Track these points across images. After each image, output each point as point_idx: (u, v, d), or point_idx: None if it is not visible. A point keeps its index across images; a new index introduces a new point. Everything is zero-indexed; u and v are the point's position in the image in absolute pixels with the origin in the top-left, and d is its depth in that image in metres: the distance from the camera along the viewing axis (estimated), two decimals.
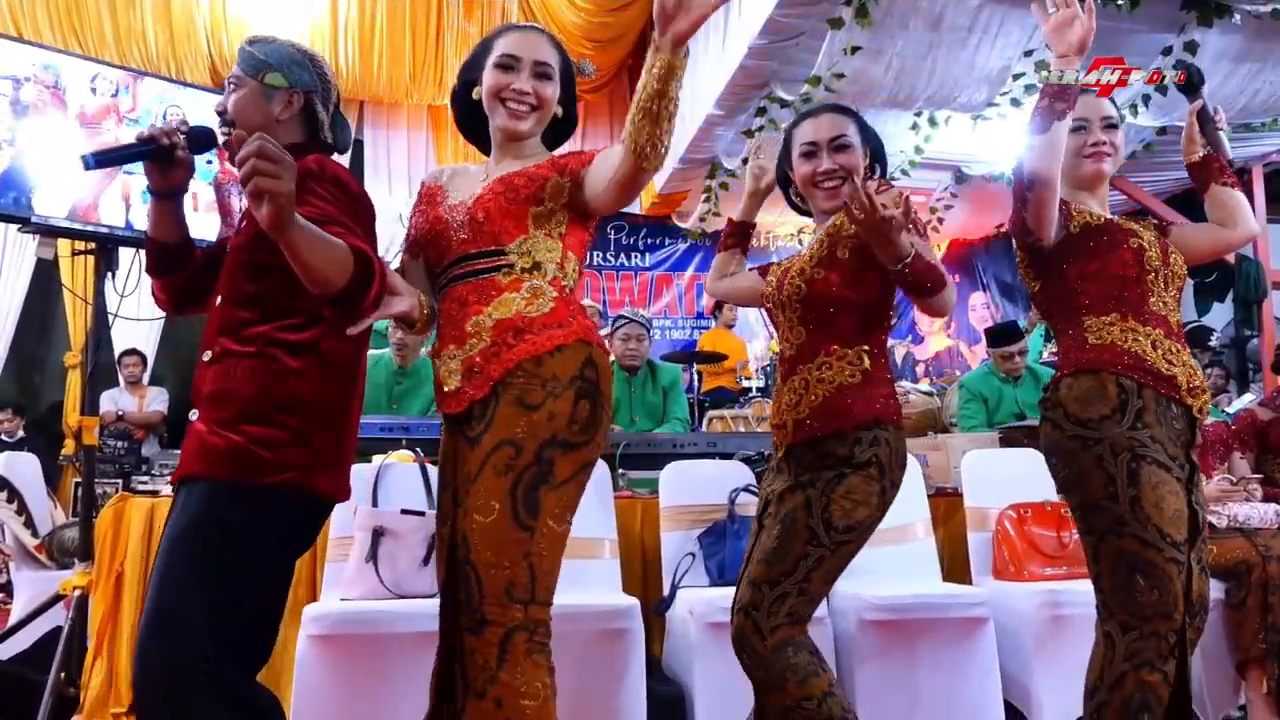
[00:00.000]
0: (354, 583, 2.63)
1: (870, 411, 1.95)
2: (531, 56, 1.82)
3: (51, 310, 7.49)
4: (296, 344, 1.64)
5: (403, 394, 4.26)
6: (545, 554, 1.62)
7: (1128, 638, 1.88)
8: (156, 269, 1.85)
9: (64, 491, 6.25)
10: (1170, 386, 1.96)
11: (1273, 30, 4.78)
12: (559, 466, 1.64)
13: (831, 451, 1.94)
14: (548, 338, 1.68)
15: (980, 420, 4.69)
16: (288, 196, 1.37)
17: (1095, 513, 1.94)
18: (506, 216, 1.75)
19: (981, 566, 3.11)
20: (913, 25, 4.69)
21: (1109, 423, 1.93)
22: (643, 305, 8.67)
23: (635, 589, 2.92)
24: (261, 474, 1.59)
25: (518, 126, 1.83)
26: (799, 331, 2.06)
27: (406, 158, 8.46)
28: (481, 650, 1.58)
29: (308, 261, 1.45)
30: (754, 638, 1.91)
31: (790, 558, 1.91)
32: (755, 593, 1.93)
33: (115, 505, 2.92)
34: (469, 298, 1.74)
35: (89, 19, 7.03)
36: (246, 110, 1.77)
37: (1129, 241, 2.03)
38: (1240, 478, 3.36)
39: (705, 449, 3.59)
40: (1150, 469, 1.89)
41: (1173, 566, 1.87)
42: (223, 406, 1.62)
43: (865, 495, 1.91)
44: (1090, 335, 2.01)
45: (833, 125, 2.08)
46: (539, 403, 1.65)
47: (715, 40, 5.87)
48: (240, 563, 1.56)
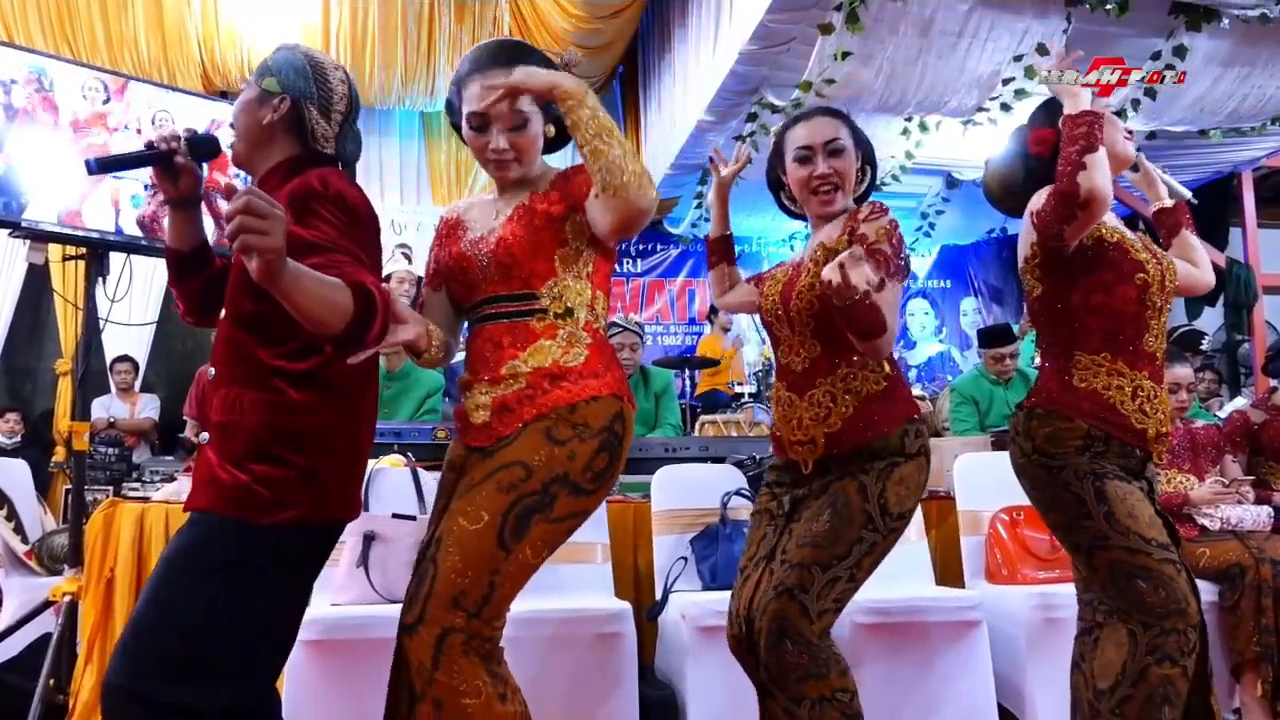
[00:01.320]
0: (345, 588, 2.62)
1: (907, 411, 2.01)
2: (499, 110, 1.77)
3: (43, 317, 7.46)
4: (297, 374, 1.61)
5: (392, 398, 4.24)
6: (510, 578, 1.61)
7: (1149, 634, 1.92)
8: (175, 277, 1.86)
9: (54, 498, 6.22)
10: (1138, 439, 2.01)
11: (1261, 34, 4.81)
12: (559, 504, 1.64)
13: (878, 450, 1.97)
14: (583, 387, 1.70)
15: (972, 423, 4.71)
16: (277, 252, 1.32)
17: (1077, 531, 2.00)
18: (534, 259, 1.75)
19: (974, 569, 3.11)
20: (903, 30, 4.71)
21: (1070, 455, 2.00)
22: (634, 311, 8.67)
23: (627, 593, 2.92)
24: (266, 513, 1.56)
25: (507, 180, 1.84)
26: (812, 345, 2.05)
27: (398, 164, 8.45)
28: (416, 651, 1.56)
29: (304, 308, 1.41)
30: (800, 621, 1.88)
31: (845, 541, 1.91)
32: (804, 575, 1.90)
33: (105, 511, 2.90)
34: (504, 340, 1.75)
35: (81, 24, 7.02)
36: (241, 113, 1.77)
37: (1135, 277, 2.03)
38: (1232, 480, 3.37)
39: (697, 453, 3.59)
40: (1113, 483, 1.96)
41: (1169, 566, 1.92)
42: (231, 440, 1.59)
43: (916, 485, 1.98)
44: (1076, 374, 2.03)
45: (826, 129, 2.08)
46: (565, 440, 1.66)
47: (706, 46, 5.89)
48: (234, 597, 1.54)
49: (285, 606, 1.64)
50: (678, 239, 8.81)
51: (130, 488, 3.79)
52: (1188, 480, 3.38)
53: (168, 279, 1.88)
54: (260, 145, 1.75)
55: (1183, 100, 5.25)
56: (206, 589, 1.52)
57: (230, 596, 1.53)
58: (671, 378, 4.88)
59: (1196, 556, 3.13)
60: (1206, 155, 6.52)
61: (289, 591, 1.64)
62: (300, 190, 1.59)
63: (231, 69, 7.39)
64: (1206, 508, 3.24)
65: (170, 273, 1.86)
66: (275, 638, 1.63)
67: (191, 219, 1.83)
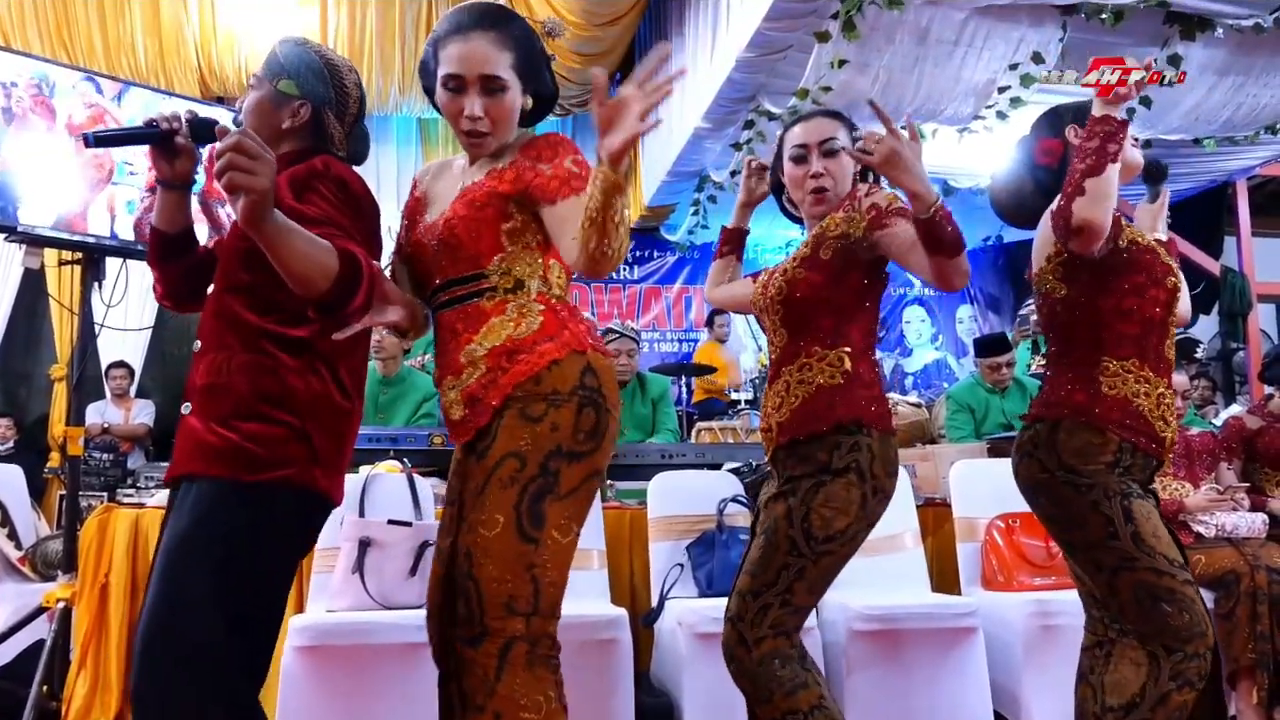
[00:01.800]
0: (340, 594, 2.61)
1: (851, 413, 1.91)
2: (476, 72, 1.69)
3: (38, 323, 7.45)
4: (291, 340, 1.62)
5: (388, 403, 4.25)
6: (550, 565, 1.59)
7: (1173, 659, 1.89)
8: (157, 258, 1.84)
9: (49, 504, 6.20)
10: (1160, 447, 1.98)
11: (1255, 44, 4.82)
12: (564, 477, 1.62)
13: (811, 455, 1.92)
14: (539, 354, 1.65)
15: (968, 431, 4.71)
16: (262, 193, 1.35)
17: (1102, 551, 1.94)
18: (479, 239, 1.70)
19: (970, 576, 3.11)
20: (899, 39, 4.71)
21: (1101, 472, 1.94)
22: (631, 318, 8.67)
23: (623, 600, 2.92)
24: (258, 470, 1.56)
25: (480, 151, 1.77)
26: (781, 334, 2.06)
27: (396, 170, 8.45)
28: (480, 662, 1.55)
29: (287, 261, 1.42)
30: (739, 649, 1.91)
31: (772, 568, 1.90)
32: (740, 603, 1.93)
33: (100, 516, 2.90)
34: (458, 326, 1.72)
35: (79, 30, 7.01)
36: (255, 113, 1.75)
37: (1167, 280, 2.00)
38: (1227, 487, 3.38)
39: (694, 460, 3.59)
40: (1139, 503, 1.93)
41: (1189, 588, 1.90)
42: (217, 402, 1.59)
43: (845, 503, 1.87)
44: (1104, 381, 1.96)
45: (822, 129, 2.09)
46: (541, 415, 1.62)
47: (703, 54, 5.90)
48: (244, 565, 1.54)
49: (278, 573, 1.63)
50: (674, 246, 8.81)
51: (125, 493, 3.79)
52: (1183, 487, 3.39)
53: (149, 257, 1.85)
54: (271, 145, 1.74)
55: (1177, 109, 5.26)
56: (211, 563, 1.51)
57: (235, 563, 1.53)
58: (668, 384, 4.89)
59: (1192, 563, 3.13)
60: (1201, 164, 6.54)
61: (280, 557, 1.63)
62: (302, 170, 1.60)
63: (229, 74, 7.39)
64: (1202, 515, 3.24)
65: (153, 253, 1.84)
66: (269, 609, 1.62)
67: (181, 202, 1.82)
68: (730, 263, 2.39)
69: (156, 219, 1.81)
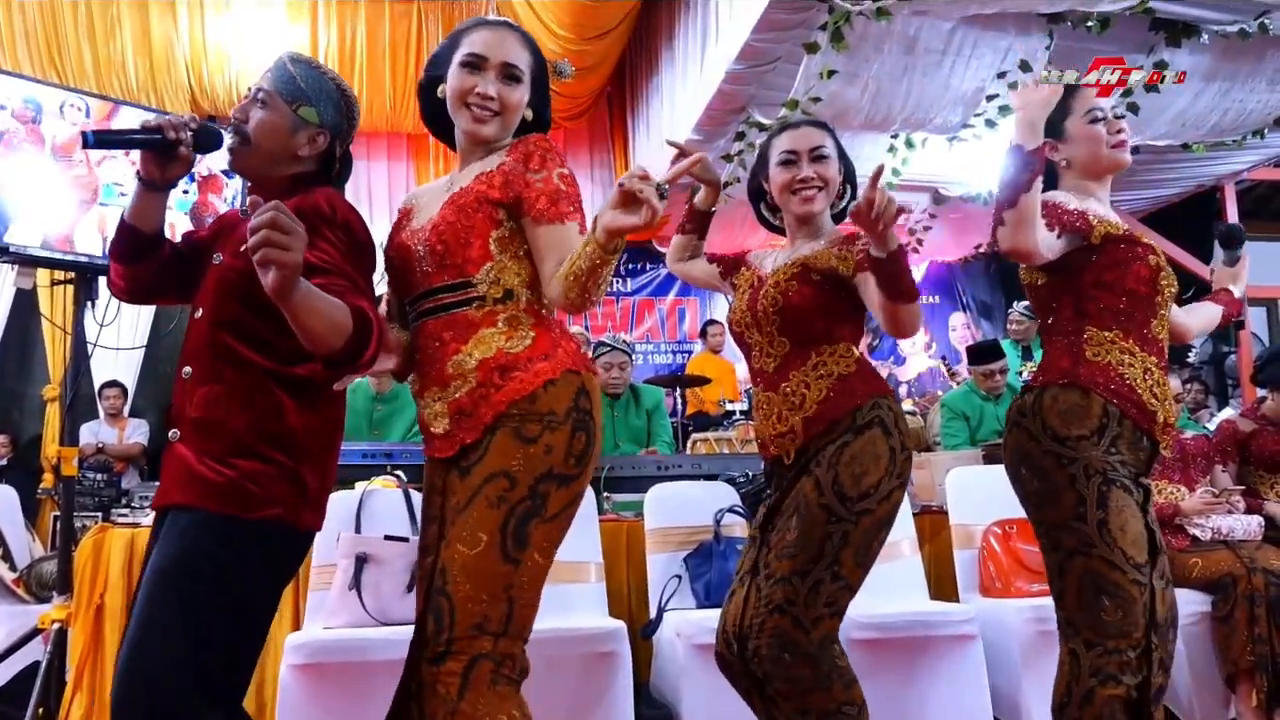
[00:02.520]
0: (337, 611, 2.60)
1: (872, 387, 2.03)
2: (499, 58, 1.73)
3: (30, 344, 7.42)
4: (291, 379, 1.62)
5: (382, 420, 4.25)
6: (527, 587, 1.57)
7: (1092, 653, 1.89)
8: (124, 256, 1.76)
9: (42, 525, 6.16)
10: (1150, 421, 1.97)
11: (1240, 50, 4.87)
12: (552, 500, 1.60)
13: (833, 430, 1.98)
14: (535, 373, 1.63)
15: (963, 438, 4.72)
16: (295, 268, 1.35)
17: (1063, 531, 1.95)
18: (468, 246, 1.67)
19: (968, 583, 3.11)
20: (887, 49, 4.74)
21: (1086, 443, 1.93)
22: (624, 330, 8.67)
23: (621, 612, 2.91)
24: (252, 509, 1.56)
25: (480, 132, 1.74)
26: (781, 343, 2.08)
27: (387, 187, 8.45)
28: (443, 680, 1.51)
29: (308, 326, 1.44)
30: (797, 633, 1.87)
31: (815, 542, 1.90)
32: (787, 587, 1.90)
33: (95, 536, 2.88)
34: (444, 335, 1.68)
35: (69, 49, 7.02)
36: (270, 134, 1.72)
37: (1148, 258, 2.01)
38: (1223, 490, 3.38)
39: (690, 471, 3.59)
40: (1118, 493, 1.91)
41: (1135, 588, 1.88)
42: (213, 437, 1.58)
43: (871, 457, 1.94)
44: (1088, 348, 1.99)
45: (811, 137, 2.13)
46: (536, 436, 1.60)
47: (693, 66, 5.92)
48: (229, 597, 1.54)
49: (262, 605, 1.62)
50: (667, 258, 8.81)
51: (119, 514, 3.77)
52: (1178, 491, 3.39)
53: (114, 251, 1.77)
54: (278, 166, 1.74)
55: (1165, 114, 5.30)
56: (202, 590, 1.51)
57: (225, 593, 1.53)
58: (662, 395, 4.89)
59: (1189, 567, 3.13)
60: (1189, 169, 6.58)
61: (264, 589, 1.63)
62: (309, 211, 1.59)
63: (219, 91, 7.41)
64: (1198, 518, 3.25)
65: (121, 248, 1.75)
66: (249, 641, 1.61)
67: (161, 202, 1.76)
68: (691, 240, 2.44)
69: (131, 215, 1.73)
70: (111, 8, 7.15)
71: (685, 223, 2.43)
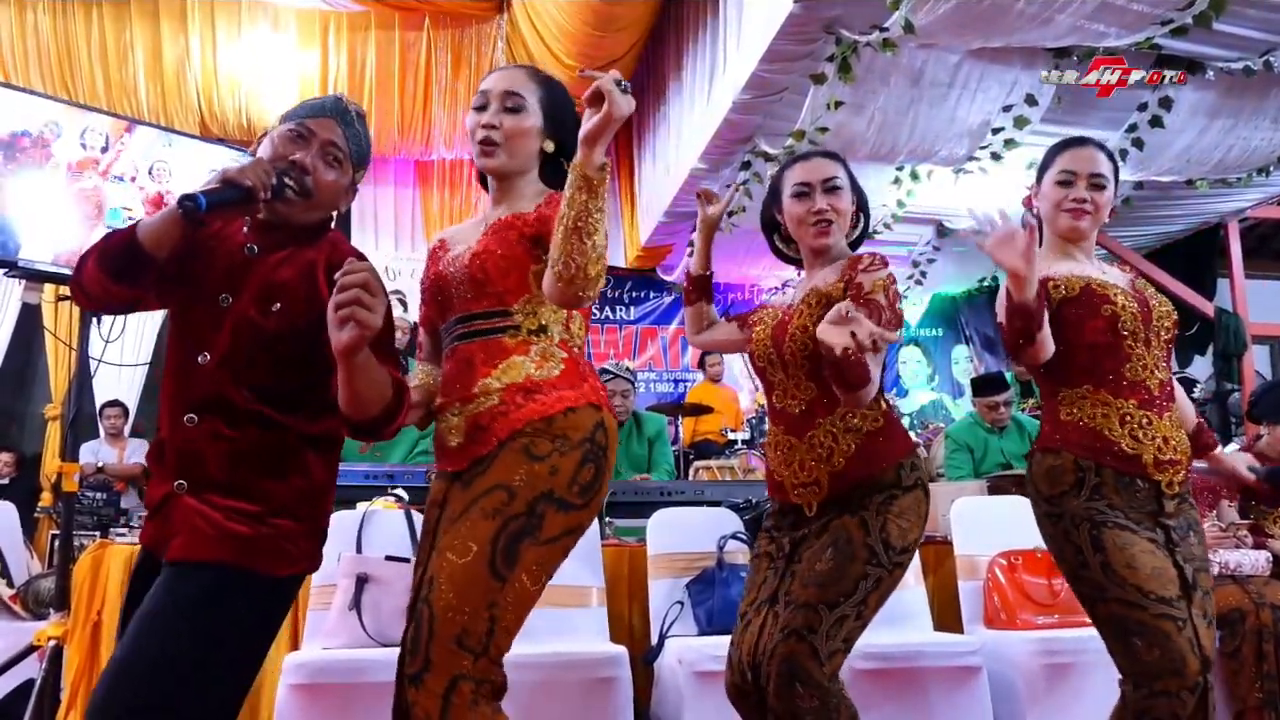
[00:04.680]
0: (336, 632, 2.58)
1: (904, 446, 2.03)
2: (500, 89, 1.76)
3: (33, 362, 7.44)
4: (314, 436, 1.62)
5: (385, 444, 4.23)
6: (510, 609, 1.54)
7: (1137, 695, 1.84)
8: (121, 273, 1.57)
9: (40, 544, 6.13)
10: (1133, 465, 1.95)
11: (1245, 87, 4.89)
12: (548, 523, 1.57)
13: (879, 484, 1.98)
14: (558, 399, 1.64)
15: (967, 470, 4.71)
16: (374, 330, 1.38)
17: (1078, 582, 1.96)
18: (507, 276, 1.69)
19: (973, 615, 3.08)
20: (894, 81, 4.77)
21: (1067, 497, 1.96)
22: (627, 358, 8.68)
23: (623, 638, 2.88)
24: (282, 566, 1.56)
25: (486, 164, 1.77)
26: (808, 387, 2.05)
27: (393, 213, 8.52)
28: (422, 702, 1.48)
29: (358, 389, 1.46)
30: (810, 662, 1.84)
31: (850, 578, 1.89)
32: (811, 615, 1.87)
33: (94, 553, 2.87)
34: (475, 358, 1.69)
35: (81, 72, 7.10)
36: (333, 195, 1.69)
37: (1102, 309, 2.00)
38: (1229, 524, 3.36)
39: (692, 497, 3.57)
40: (1112, 532, 1.90)
41: (1166, 622, 1.82)
42: (243, 497, 1.55)
43: (917, 517, 1.97)
44: (1062, 409, 2.03)
45: (824, 168, 2.13)
46: (545, 455, 1.59)
47: (700, 95, 5.96)
48: (243, 649, 1.53)
49: (264, 649, 1.62)
50: (670, 287, 8.84)
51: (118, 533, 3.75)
52: None
53: (105, 259, 1.56)
54: (317, 213, 1.70)
55: (1170, 150, 5.32)
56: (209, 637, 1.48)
57: (233, 645, 1.51)
58: (664, 423, 4.88)
59: None
60: (1193, 205, 6.60)
61: (271, 636, 1.63)
62: (335, 257, 1.61)
63: (229, 116, 7.47)
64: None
65: (119, 264, 1.56)
66: (250, 681, 1.60)
67: (185, 234, 1.57)
68: (701, 309, 2.39)
69: (148, 238, 1.54)
70: (124, 31, 7.23)
71: (689, 293, 2.40)
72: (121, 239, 1.57)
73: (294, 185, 1.62)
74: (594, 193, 1.49)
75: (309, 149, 1.65)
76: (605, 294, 8.98)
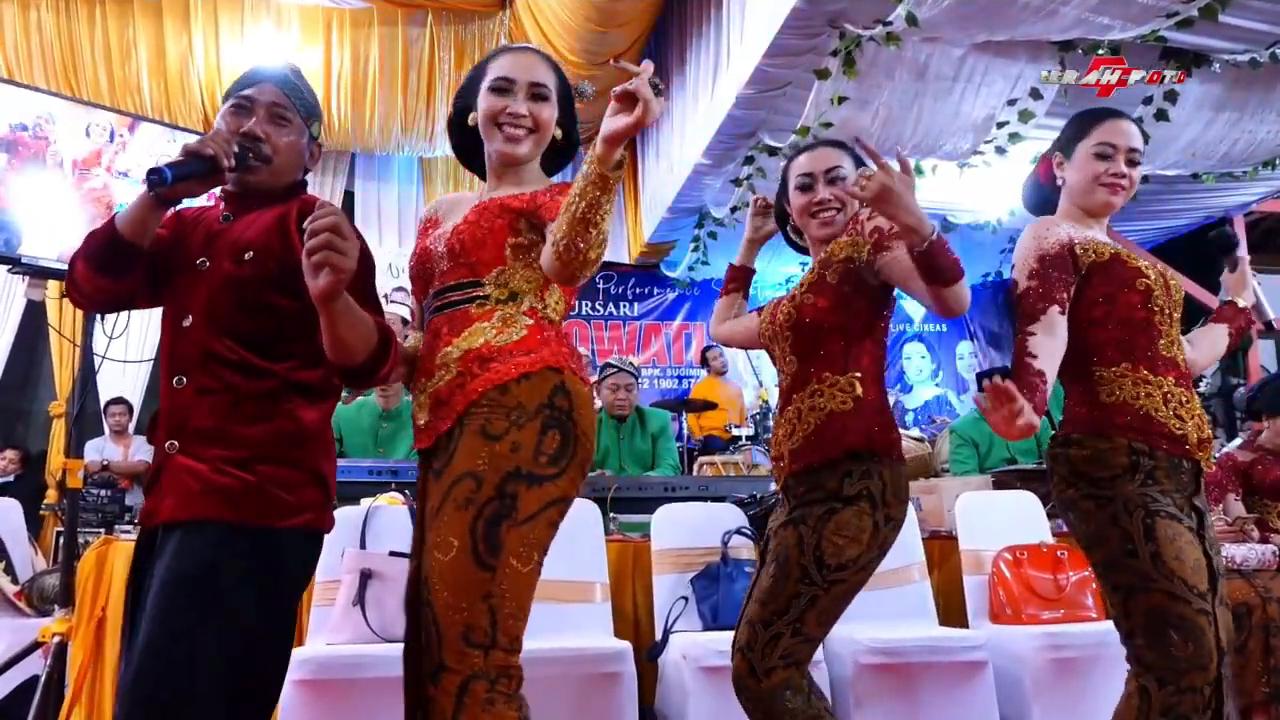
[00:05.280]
0: (340, 627, 2.58)
1: (862, 440, 1.90)
2: (527, 78, 1.76)
3: (38, 360, 7.45)
4: (301, 382, 1.61)
5: (388, 437, 4.24)
6: (508, 595, 1.51)
7: (1164, 692, 1.80)
8: (107, 267, 1.62)
9: (45, 541, 6.15)
10: (1181, 446, 1.89)
11: (1251, 80, 4.87)
12: (523, 501, 1.54)
13: (822, 484, 1.90)
14: (513, 365, 1.60)
15: (972, 465, 4.69)
16: (349, 273, 1.38)
17: (1119, 570, 1.87)
18: (482, 247, 1.68)
19: (978, 609, 3.08)
20: (898, 75, 4.76)
21: (1120, 481, 1.87)
22: (631, 354, 8.67)
23: (627, 633, 2.88)
24: (282, 517, 1.54)
25: (515, 151, 1.76)
26: (791, 360, 2.04)
27: (396, 210, 8.51)
28: (439, 699, 1.48)
29: (341, 335, 1.45)
30: (749, 679, 1.88)
31: (783, 596, 1.87)
32: (750, 632, 1.90)
33: (99, 549, 2.87)
34: (442, 330, 1.68)
35: (84, 69, 7.10)
36: (293, 154, 1.73)
37: (1136, 282, 1.94)
38: (1235, 518, 3.35)
39: (697, 492, 3.57)
40: (1165, 523, 1.83)
41: (1203, 618, 1.80)
42: (228, 445, 1.54)
43: (856, 531, 1.85)
44: (1102, 391, 1.92)
45: (828, 158, 2.11)
46: (501, 432, 1.56)
47: (704, 91, 5.95)
48: (257, 612, 1.50)
49: (287, 616, 1.59)
50: (674, 282, 8.84)
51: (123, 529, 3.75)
52: None
53: (92, 255, 1.62)
54: (284, 175, 1.74)
55: (1175, 144, 5.30)
56: (228, 609, 1.46)
57: (252, 613, 1.49)
58: (668, 418, 4.87)
59: None
60: (1199, 200, 6.58)
61: (291, 600, 1.61)
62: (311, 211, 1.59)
63: None
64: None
65: (104, 259, 1.62)
66: (285, 653, 1.59)
67: (161, 218, 1.65)
68: (735, 299, 2.39)
69: (126, 227, 1.60)
70: (128, 28, 7.23)
71: (728, 282, 2.40)
72: (102, 233, 1.62)
73: (254, 153, 1.67)
74: (607, 189, 1.48)
75: (255, 117, 1.70)
76: (608, 290, 9.01)
